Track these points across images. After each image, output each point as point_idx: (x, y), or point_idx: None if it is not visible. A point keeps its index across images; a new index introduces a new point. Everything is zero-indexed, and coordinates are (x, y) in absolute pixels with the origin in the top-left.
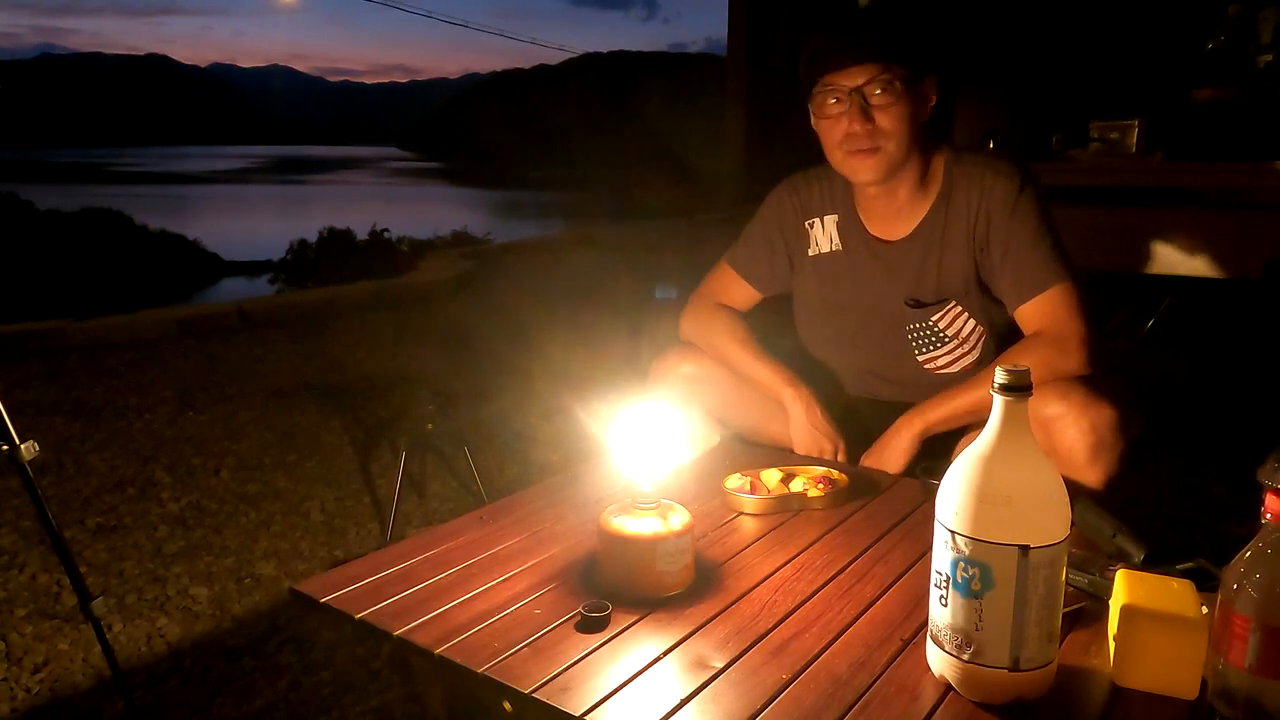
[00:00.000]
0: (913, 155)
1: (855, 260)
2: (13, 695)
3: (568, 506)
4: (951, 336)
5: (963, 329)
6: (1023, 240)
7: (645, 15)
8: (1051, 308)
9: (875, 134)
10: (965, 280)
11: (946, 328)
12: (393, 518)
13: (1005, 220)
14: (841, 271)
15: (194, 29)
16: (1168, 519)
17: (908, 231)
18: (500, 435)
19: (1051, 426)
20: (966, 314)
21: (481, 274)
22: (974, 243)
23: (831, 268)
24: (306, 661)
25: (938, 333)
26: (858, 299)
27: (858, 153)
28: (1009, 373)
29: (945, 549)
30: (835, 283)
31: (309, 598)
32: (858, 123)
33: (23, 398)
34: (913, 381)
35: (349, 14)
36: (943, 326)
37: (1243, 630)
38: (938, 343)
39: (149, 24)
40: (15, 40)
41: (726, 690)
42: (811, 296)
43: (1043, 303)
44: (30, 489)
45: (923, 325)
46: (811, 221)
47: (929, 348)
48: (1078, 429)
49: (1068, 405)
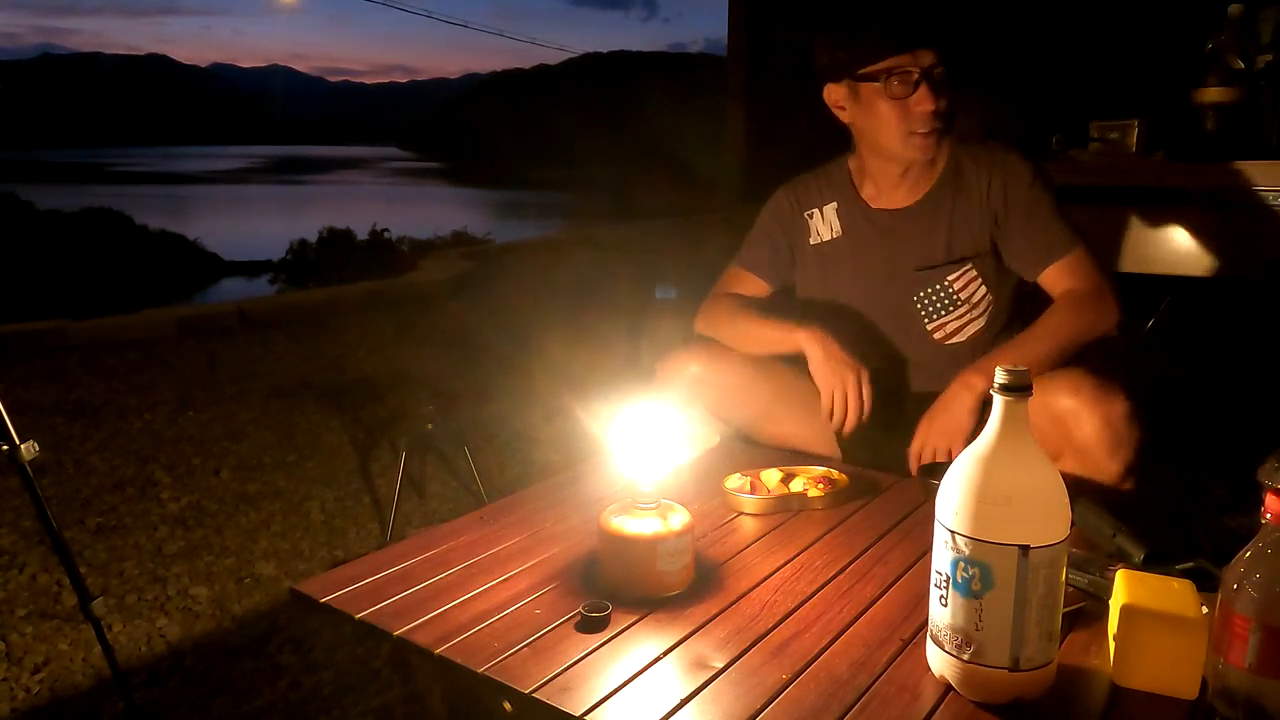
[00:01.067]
0: None
1: (858, 240)
2: (13, 695)
3: (568, 506)
4: (964, 300)
5: (975, 293)
6: (1044, 209)
7: (645, 15)
8: (1080, 268)
9: (939, 115)
10: (979, 245)
11: (960, 290)
12: (393, 518)
13: (1024, 190)
14: (843, 256)
15: (194, 29)
16: (1168, 519)
17: (915, 200)
18: (500, 435)
19: (1066, 421)
20: (980, 279)
21: (481, 274)
22: (989, 210)
23: (834, 254)
24: (306, 661)
25: (951, 295)
26: (862, 279)
27: (930, 133)
28: (1009, 373)
29: (945, 549)
30: (838, 268)
31: (309, 598)
32: (931, 102)
33: (23, 398)
34: (920, 358)
35: (349, 14)
36: (957, 289)
37: (1243, 630)
38: (949, 306)
39: (149, 24)
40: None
41: (726, 690)
42: (814, 285)
43: (1070, 263)
44: (30, 489)
45: (935, 290)
46: (810, 212)
47: (940, 313)
48: (1092, 424)
49: (1079, 400)
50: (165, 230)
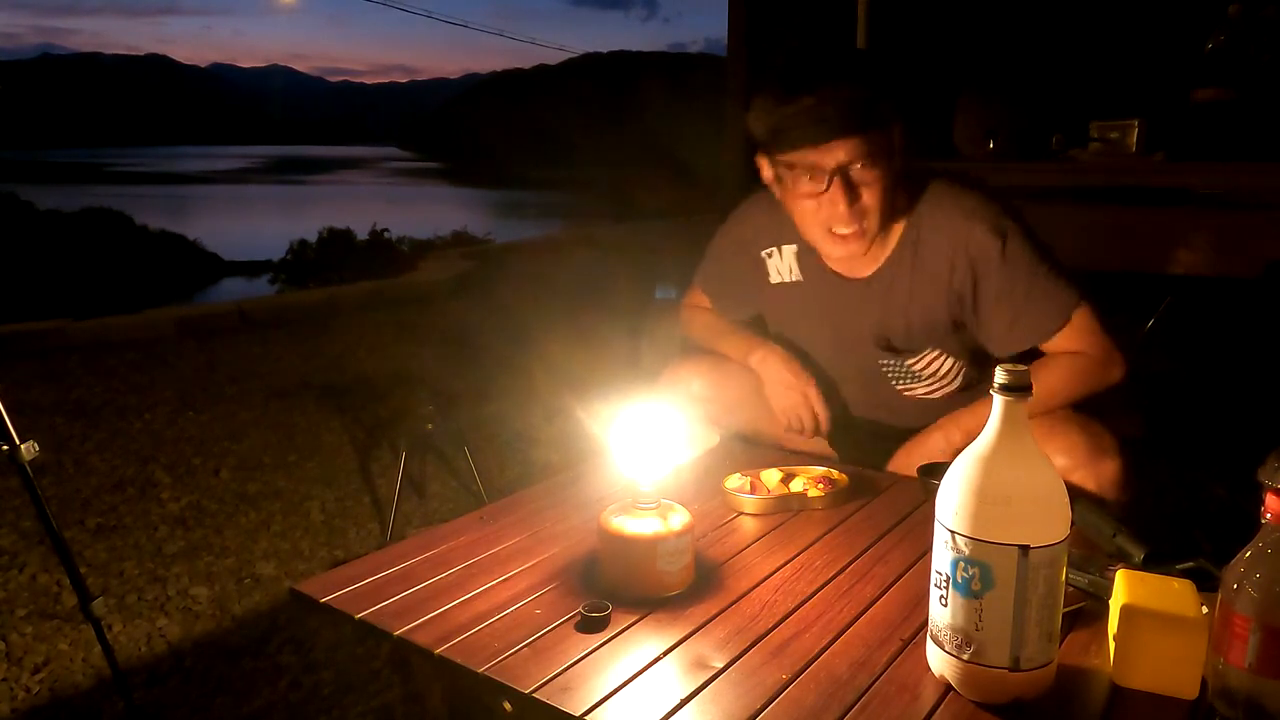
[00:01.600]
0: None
1: (818, 294)
2: (13, 695)
3: (568, 506)
4: (929, 375)
5: (940, 368)
6: (1026, 285)
7: (645, 15)
8: (1080, 334)
9: (859, 213)
10: (938, 326)
11: (923, 370)
12: (393, 518)
13: (996, 271)
14: (808, 302)
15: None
16: (1168, 519)
17: (870, 271)
18: (500, 435)
19: None
20: (944, 355)
21: (481, 274)
22: (950, 293)
23: (796, 298)
24: (306, 661)
25: (915, 373)
26: (826, 330)
27: (852, 235)
28: (1009, 373)
29: (945, 549)
30: (803, 312)
31: (309, 598)
32: (843, 204)
33: (23, 398)
34: (893, 405)
35: (349, 14)
36: (919, 369)
37: (1243, 630)
38: (915, 380)
39: (149, 24)
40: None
41: (726, 690)
42: (781, 323)
43: (1071, 332)
44: (30, 489)
45: (898, 365)
46: (769, 251)
47: (906, 382)
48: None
49: (1073, 460)
50: (165, 230)
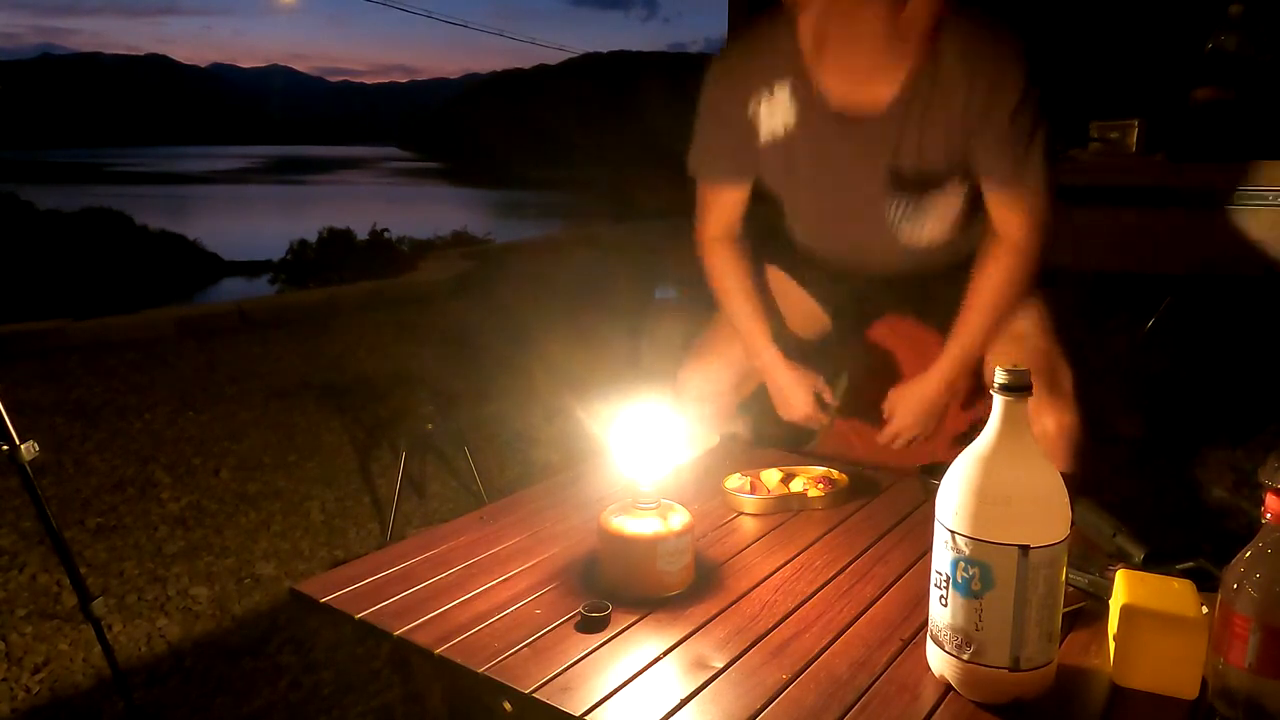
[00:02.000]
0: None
1: (818, 137)
2: (13, 695)
3: (568, 506)
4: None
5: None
6: (1015, 137)
7: (645, 15)
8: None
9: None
10: (953, 158)
11: (932, 209)
12: (393, 518)
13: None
14: (803, 151)
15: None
16: (1168, 519)
17: (883, 105)
18: (500, 435)
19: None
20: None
21: (481, 274)
22: (964, 128)
23: (790, 150)
24: (306, 661)
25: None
26: (827, 175)
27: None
28: (1009, 373)
29: (945, 549)
30: (803, 161)
31: (309, 598)
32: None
33: (23, 398)
34: (891, 252)
35: (349, 14)
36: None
37: (1243, 630)
38: (921, 215)
39: (149, 24)
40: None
41: (726, 690)
42: (778, 180)
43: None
44: (30, 489)
45: (908, 205)
46: (757, 101)
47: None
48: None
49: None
50: (165, 230)
